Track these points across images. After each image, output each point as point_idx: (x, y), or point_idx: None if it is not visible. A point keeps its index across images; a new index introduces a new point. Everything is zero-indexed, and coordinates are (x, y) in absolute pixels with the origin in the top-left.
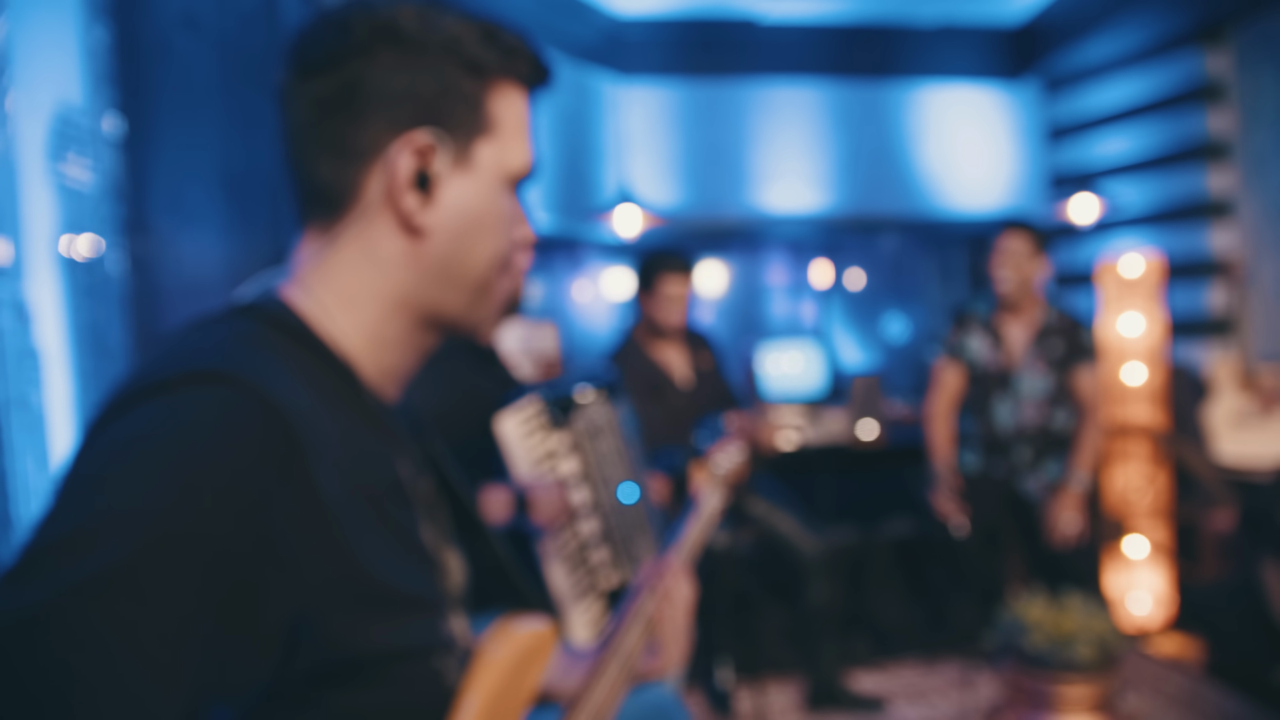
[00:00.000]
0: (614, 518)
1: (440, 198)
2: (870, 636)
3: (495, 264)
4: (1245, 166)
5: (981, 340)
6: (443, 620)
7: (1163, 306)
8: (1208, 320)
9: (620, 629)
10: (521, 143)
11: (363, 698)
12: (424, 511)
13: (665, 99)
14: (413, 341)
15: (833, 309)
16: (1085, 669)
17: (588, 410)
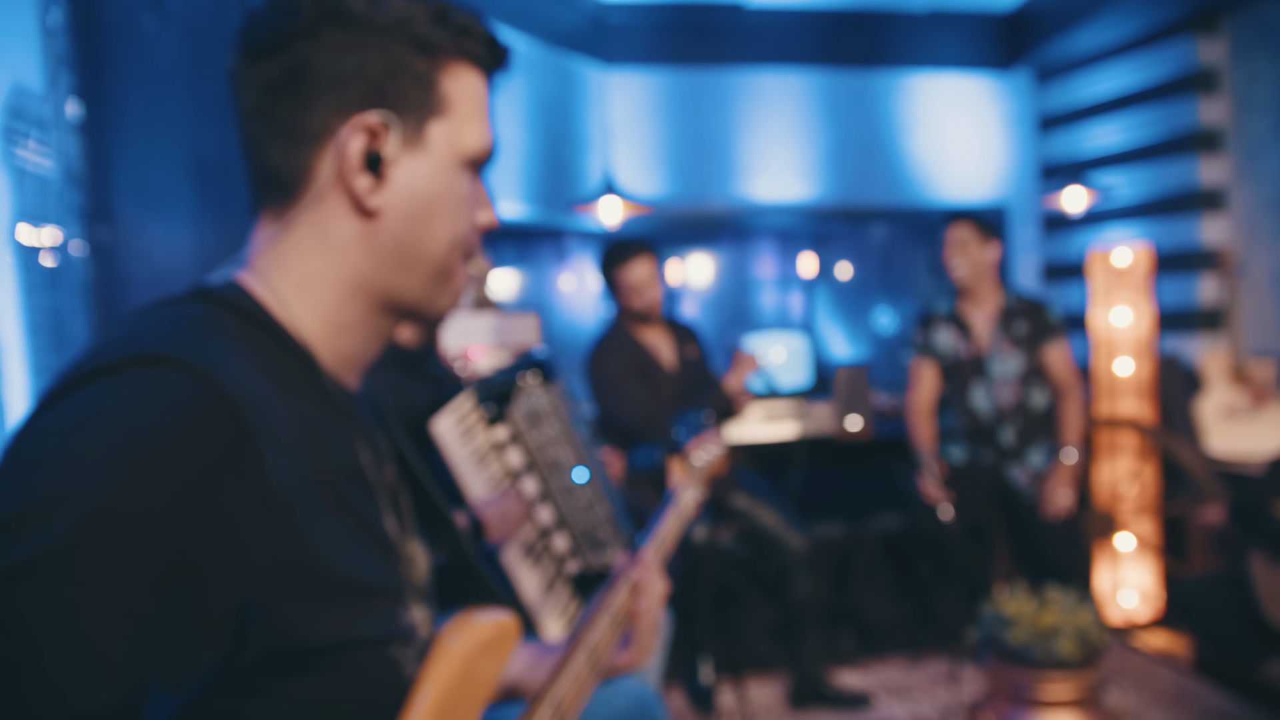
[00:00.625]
0: (567, 503)
1: (392, 179)
2: (856, 632)
3: (453, 246)
4: (1238, 157)
5: (948, 333)
6: (403, 610)
7: (1153, 298)
8: (1199, 313)
9: (589, 622)
10: (477, 124)
11: (315, 687)
12: (386, 500)
13: (650, 86)
14: (372, 326)
15: (820, 300)
16: (1066, 664)
17: (525, 398)
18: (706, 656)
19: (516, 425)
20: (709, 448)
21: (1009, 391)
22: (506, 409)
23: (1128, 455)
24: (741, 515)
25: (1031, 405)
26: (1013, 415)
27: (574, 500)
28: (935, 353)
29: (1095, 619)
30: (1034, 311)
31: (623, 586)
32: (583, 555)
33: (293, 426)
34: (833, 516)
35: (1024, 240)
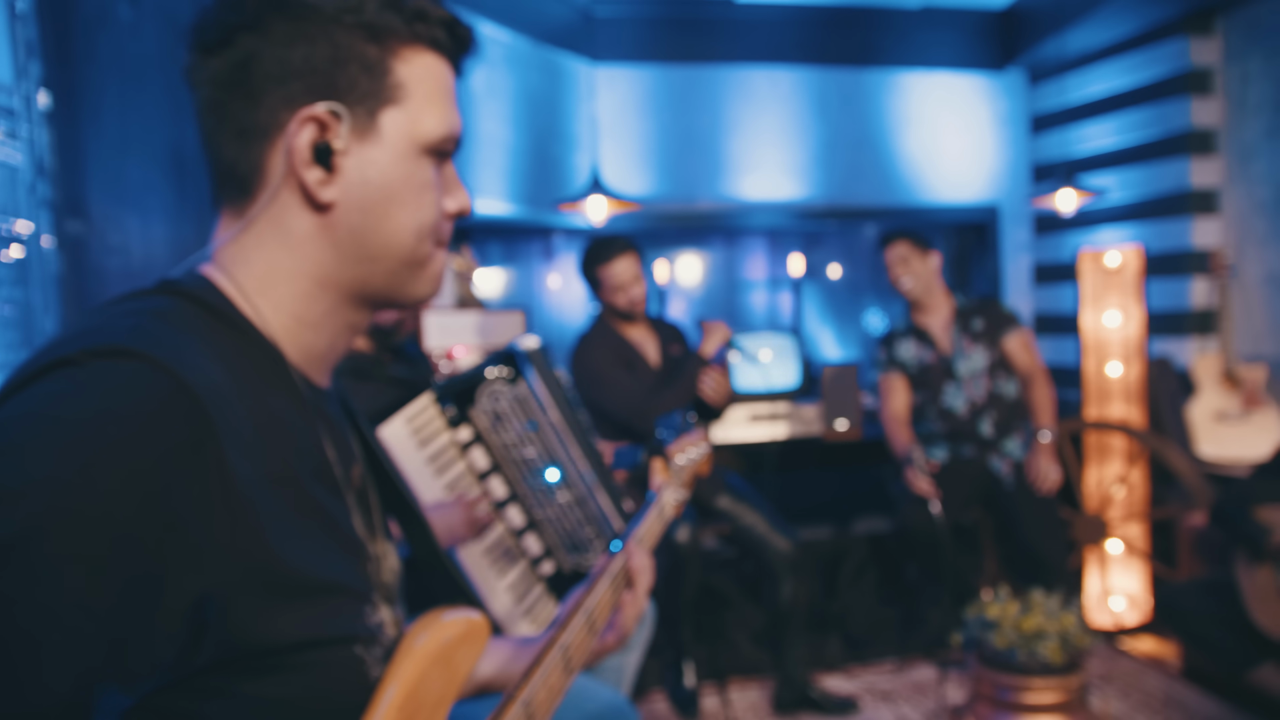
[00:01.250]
0: (540, 503)
1: (344, 170)
2: (843, 636)
3: (418, 234)
4: (1231, 159)
5: (910, 344)
6: (369, 610)
7: (1144, 301)
8: (1190, 316)
9: (564, 622)
10: (437, 109)
11: (276, 687)
12: (354, 499)
13: (638, 83)
14: (341, 320)
15: (809, 301)
16: (1049, 668)
17: (488, 397)
18: (689, 660)
19: (479, 425)
20: (692, 449)
21: (979, 385)
22: (468, 409)
23: (1117, 459)
24: (726, 517)
25: (1003, 394)
26: (987, 407)
27: (549, 500)
28: (901, 365)
29: (1079, 622)
30: (986, 307)
31: (600, 586)
32: (558, 557)
33: (257, 422)
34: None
35: (1016, 242)
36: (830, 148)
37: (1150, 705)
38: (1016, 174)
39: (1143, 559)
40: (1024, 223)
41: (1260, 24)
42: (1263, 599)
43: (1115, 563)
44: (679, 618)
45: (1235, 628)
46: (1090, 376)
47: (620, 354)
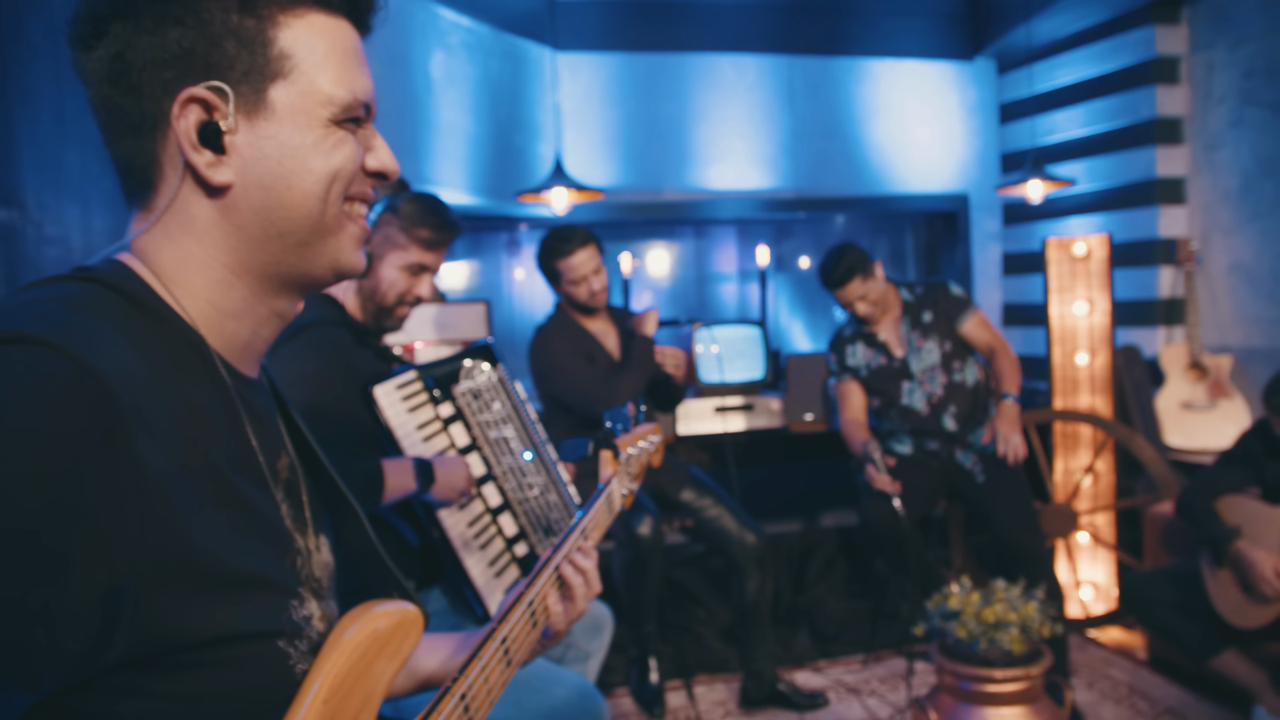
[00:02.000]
0: (516, 485)
1: (236, 149)
2: (812, 631)
3: (324, 199)
4: (1197, 148)
5: (861, 348)
6: (295, 603)
7: (1111, 290)
8: (1157, 306)
9: (504, 615)
10: (334, 74)
11: (194, 683)
12: (282, 491)
13: (603, 71)
14: (265, 309)
15: (780, 292)
16: (1010, 658)
17: (470, 378)
18: (654, 656)
19: (460, 403)
20: (642, 440)
21: (936, 380)
22: (451, 387)
23: (1085, 449)
24: (690, 510)
25: (961, 383)
26: (947, 400)
27: (523, 482)
28: (854, 371)
29: (1041, 612)
30: (934, 297)
31: (542, 578)
32: (531, 540)
33: (174, 411)
34: (790, 512)
35: (985, 232)
36: (798, 137)
37: (1116, 693)
38: (985, 163)
39: (1112, 548)
40: (993, 212)
41: (1225, 12)
42: (1225, 587)
43: (1083, 553)
44: (643, 613)
45: (1199, 616)
46: (1057, 366)
47: (580, 345)
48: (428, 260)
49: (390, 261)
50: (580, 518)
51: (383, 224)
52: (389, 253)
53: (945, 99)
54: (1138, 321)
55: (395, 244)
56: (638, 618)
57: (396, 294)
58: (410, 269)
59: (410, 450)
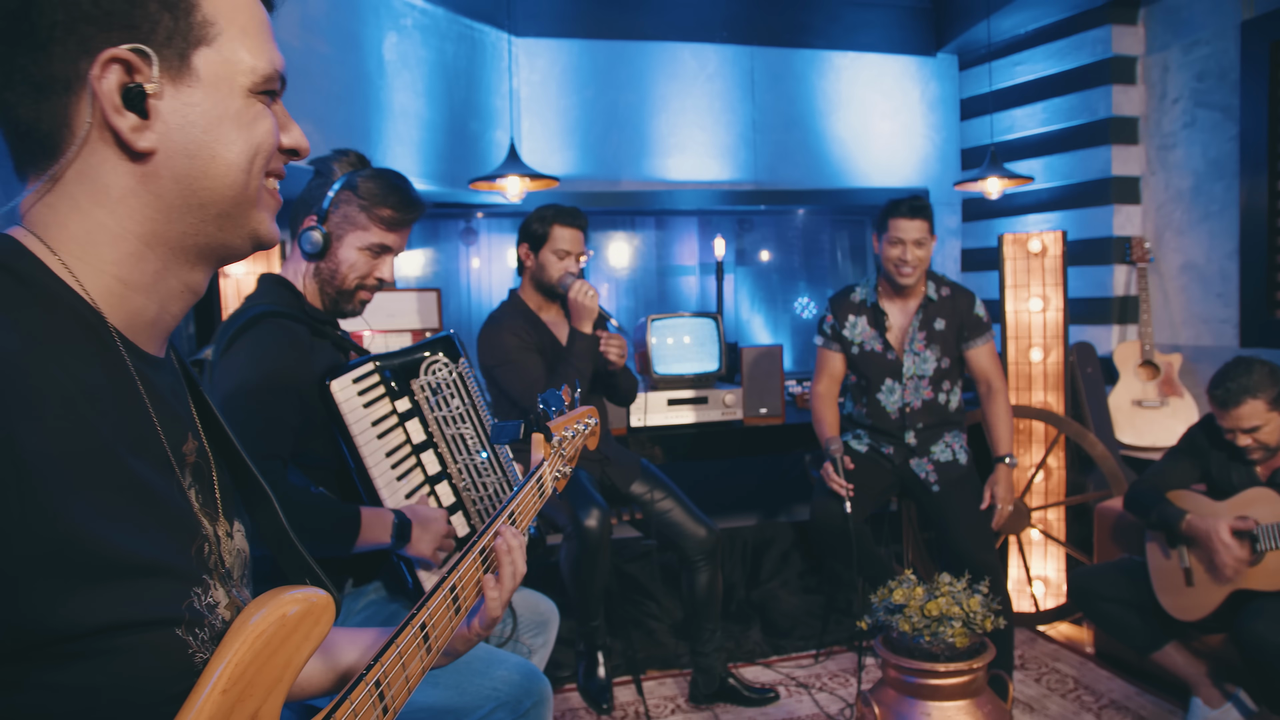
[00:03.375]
0: (471, 483)
1: (160, 114)
2: (766, 626)
3: (248, 170)
4: (1151, 148)
5: (863, 323)
6: (197, 591)
7: (1065, 287)
8: (1111, 304)
9: (425, 602)
10: (255, 45)
11: (80, 675)
12: (189, 475)
13: (561, 58)
14: (176, 283)
15: (737, 284)
16: (953, 651)
17: (430, 372)
18: (602, 650)
19: (419, 398)
20: (577, 423)
21: (919, 390)
22: (410, 381)
23: (1038, 445)
24: (640, 503)
25: (944, 405)
26: (920, 414)
27: (478, 481)
28: (846, 342)
29: (985, 605)
30: (957, 306)
31: (466, 562)
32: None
33: (60, 392)
34: (745, 507)
35: (945, 228)
36: (758, 129)
37: (1063, 687)
38: (946, 158)
39: (1062, 544)
40: (953, 208)
41: (1179, 14)
42: (1169, 581)
43: (1034, 549)
44: (590, 607)
45: (1143, 610)
46: (1012, 363)
47: (532, 335)
48: (390, 241)
49: (350, 242)
50: (508, 501)
51: (341, 203)
52: (349, 233)
53: (907, 93)
54: (1092, 319)
55: (355, 224)
56: (585, 612)
57: (357, 276)
58: (371, 250)
59: (365, 445)
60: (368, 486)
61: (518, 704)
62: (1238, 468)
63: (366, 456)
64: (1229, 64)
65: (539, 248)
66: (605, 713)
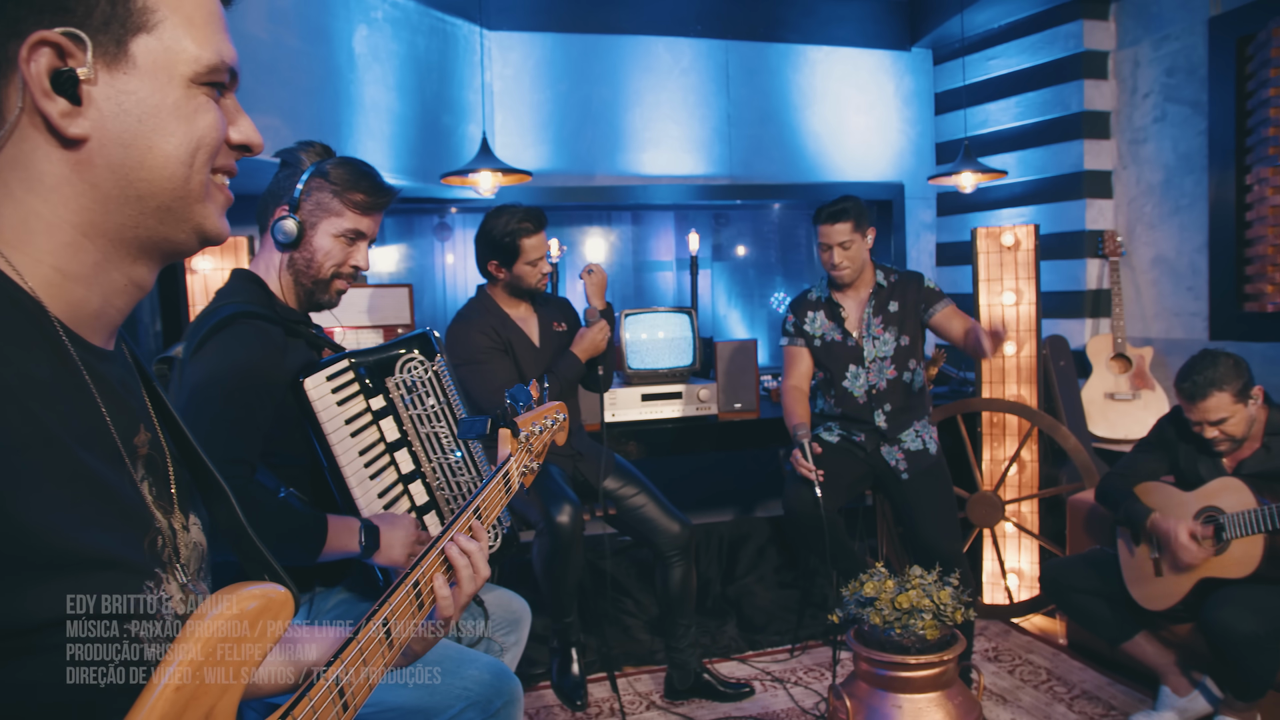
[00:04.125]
0: (445, 482)
1: (94, 100)
2: (742, 621)
3: (189, 164)
4: (1123, 142)
5: (822, 317)
6: (151, 584)
7: (1038, 281)
8: (1084, 297)
9: (386, 599)
10: (201, 35)
11: (26, 671)
12: (143, 467)
13: (534, 52)
14: (119, 276)
15: (714, 279)
16: (924, 644)
17: (405, 370)
18: (575, 647)
19: (393, 396)
20: (544, 418)
21: (882, 371)
22: (385, 379)
23: (1011, 438)
24: (613, 499)
25: (909, 383)
26: (886, 395)
27: (452, 481)
28: (809, 337)
29: (955, 598)
30: (907, 288)
31: (429, 558)
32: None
33: (3, 381)
34: (722, 503)
35: (920, 222)
36: (733, 123)
37: (1036, 678)
38: (921, 153)
39: (1036, 536)
40: (928, 202)
41: (1149, 10)
42: (1138, 571)
43: (1009, 541)
44: (563, 604)
45: (1114, 601)
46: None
47: (502, 335)
48: (364, 226)
49: (324, 229)
50: (474, 496)
51: (313, 190)
52: (323, 220)
53: (881, 88)
54: (1066, 313)
55: (329, 210)
56: (559, 608)
57: (333, 264)
58: (346, 236)
59: (339, 444)
60: (340, 485)
61: (488, 703)
62: (1205, 459)
63: (339, 455)
64: (1198, 59)
65: (512, 263)
66: (579, 709)
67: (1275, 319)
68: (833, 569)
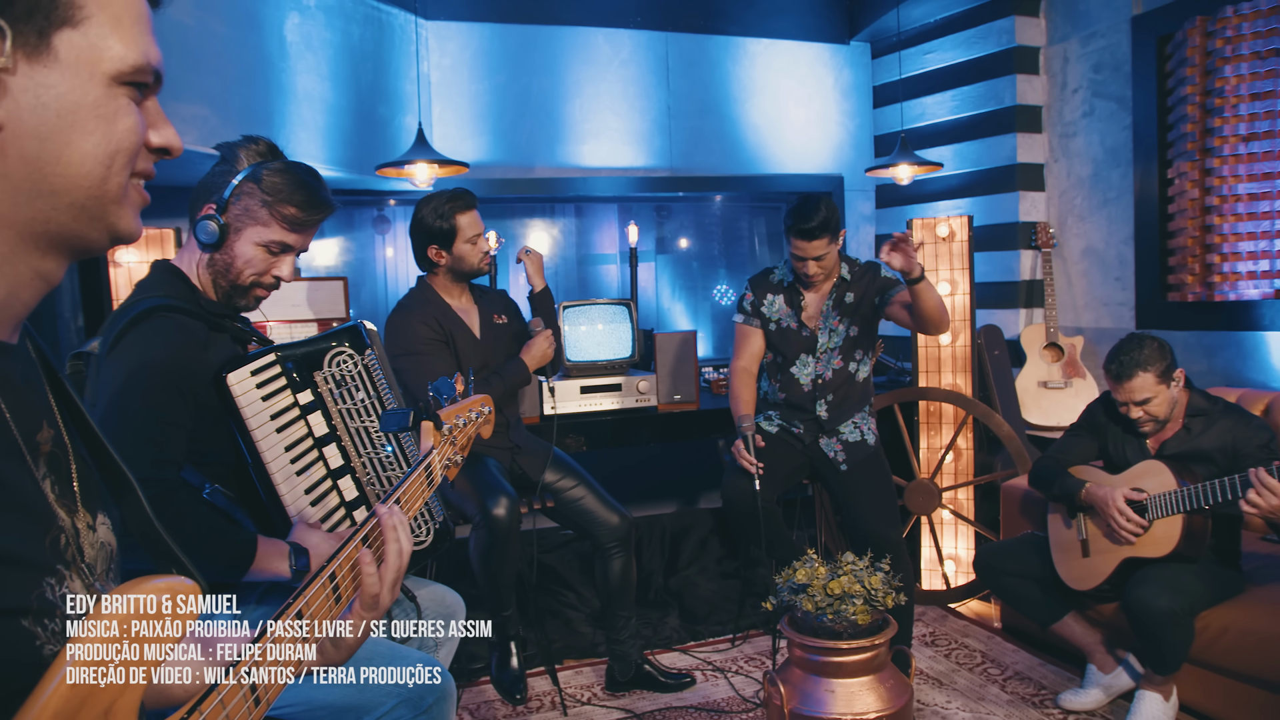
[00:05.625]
0: (372, 476)
1: (11, 91)
2: (683, 613)
3: (108, 165)
4: (1054, 136)
5: (780, 302)
6: (52, 581)
7: (972, 272)
8: (1018, 288)
9: (302, 587)
10: (128, 35)
11: None
12: (45, 465)
13: (472, 42)
14: (25, 268)
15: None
16: (855, 629)
17: (334, 363)
18: (515, 641)
19: (321, 390)
20: (470, 410)
21: (831, 362)
22: (313, 373)
23: (948, 426)
24: (551, 491)
25: (854, 374)
26: (831, 385)
27: (382, 476)
28: (764, 319)
29: (886, 582)
30: (864, 276)
31: (346, 550)
32: None
33: None
34: (665, 494)
35: (860, 214)
36: (673, 115)
37: (971, 661)
38: (860, 146)
39: (972, 523)
40: (867, 195)
41: (1077, 7)
42: (1067, 552)
43: (946, 528)
44: (501, 597)
45: (1044, 583)
46: (921, 346)
47: (444, 326)
48: (292, 240)
49: (248, 237)
50: (395, 489)
51: (244, 194)
52: (248, 227)
53: (821, 81)
54: (1001, 303)
55: (256, 219)
56: (497, 602)
57: (253, 273)
58: (270, 247)
59: (263, 440)
60: (265, 482)
61: (420, 700)
62: (1131, 442)
63: (264, 451)
64: (1122, 56)
65: (450, 244)
66: (519, 703)
67: (1195, 308)
68: (771, 558)
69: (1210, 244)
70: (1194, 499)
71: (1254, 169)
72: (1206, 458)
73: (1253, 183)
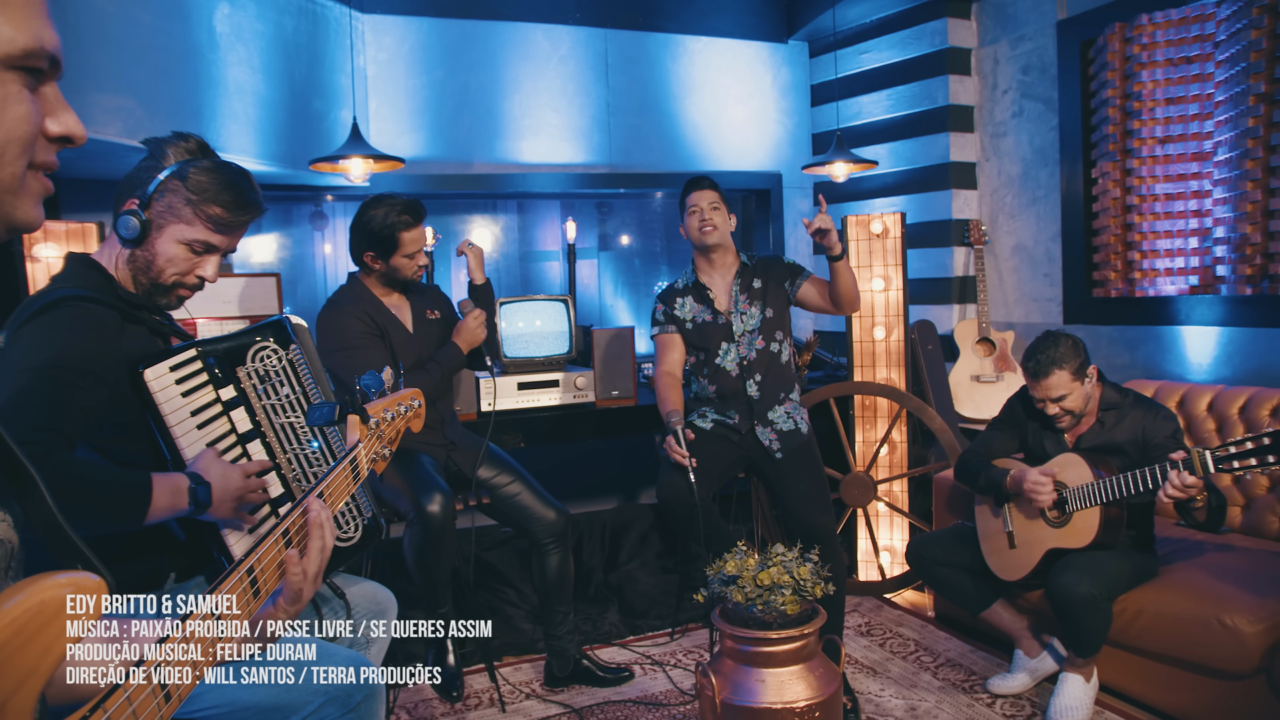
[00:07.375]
0: (298, 473)
1: None
2: (623, 607)
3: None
4: (985, 135)
5: (691, 302)
6: None
7: (905, 268)
8: (951, 284)
9: (219, 583)
10: (13, 16)
11: None
12: None
13: (410, 36)
14: None
15: (601, 269)
16: (785, 619)
17: (258, 358)
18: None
19: (244, 386)
20: (397, 404)
21: (751, 343)
22: (236, 369)
23: (882, 420)
24: (487, 488)
25: (777, 354)
26: (756, 365)
27: (309, 472)
28: (679, 322)
29: (815, 572)
30: (769, 265)
31: (266, 545)
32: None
33: None
34: (605, 490)
35: (798, 210)
36: (613, 112)
37: (905, 649)
38: (798, 143)
39: (905, 514)
40: (805, 192)
41: (1006, 11)
42: (994, 544)
43: (881, 520)
44: (437, 594)
45: (973, 572)
46: (856, 341)
47: (375, 321)
48: (216, 241)
49: (171, 235)
50: (318, 482)
51: (168, 191)
52: (170, 225)
53: (760, 79)
54: (935, 299)
55: (179, 217)
56: (433, 599)
57: (175, 273)
58: (194, 246)
59: (183, 437)
60: None
61: (348, 698)
62: (1049, 435)
63: (185, 449)
64: (1049, 59)
65: (389, 255)
66: (456, 701)
67: (1119, 303)
68: (708, 552)
69: (1131, 241)
70: (1110, 490)
71: (1170, 170)
72: (1120, 449)
73: (1169, 183)
